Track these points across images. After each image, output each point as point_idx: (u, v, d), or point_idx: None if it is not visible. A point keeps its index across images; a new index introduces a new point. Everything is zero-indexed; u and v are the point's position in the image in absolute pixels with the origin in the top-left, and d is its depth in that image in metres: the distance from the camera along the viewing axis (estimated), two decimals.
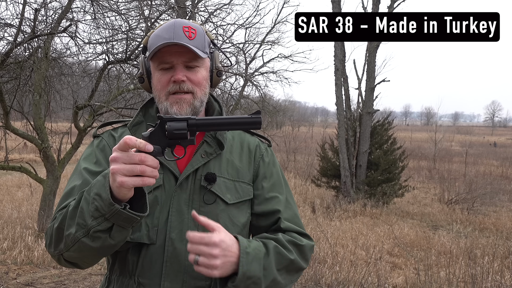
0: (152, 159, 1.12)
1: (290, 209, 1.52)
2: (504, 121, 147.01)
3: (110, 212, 1.14)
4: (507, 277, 5.83)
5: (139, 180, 1.11)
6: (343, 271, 6.06)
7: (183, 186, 1.38)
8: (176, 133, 1.17)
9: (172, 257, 1.34)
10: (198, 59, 1.39)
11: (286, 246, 1.37)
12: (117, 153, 1.12)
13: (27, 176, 7.50)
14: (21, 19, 6.12)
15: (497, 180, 19.17)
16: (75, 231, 1.19)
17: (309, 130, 41.33)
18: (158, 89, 1.41)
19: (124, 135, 1.46)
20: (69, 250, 1.23)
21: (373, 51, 14.46)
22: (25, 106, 7.61)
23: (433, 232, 10.54)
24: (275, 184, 1.52)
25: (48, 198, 7.10)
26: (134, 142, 1.10)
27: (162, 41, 1.34)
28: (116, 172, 1.10)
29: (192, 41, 1.35)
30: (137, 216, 1.17)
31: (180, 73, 1.37)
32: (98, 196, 1.15)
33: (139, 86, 7.34)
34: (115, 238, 1.20)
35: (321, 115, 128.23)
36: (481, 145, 42.13)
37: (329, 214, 11.93)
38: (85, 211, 1.17)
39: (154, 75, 1.42)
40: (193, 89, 1.39)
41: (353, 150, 14.31)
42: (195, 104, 1.40)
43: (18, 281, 5.12)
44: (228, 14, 27.34)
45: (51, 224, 1.30)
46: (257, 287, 1.27)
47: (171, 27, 1.37)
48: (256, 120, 1.19)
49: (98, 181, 1.17)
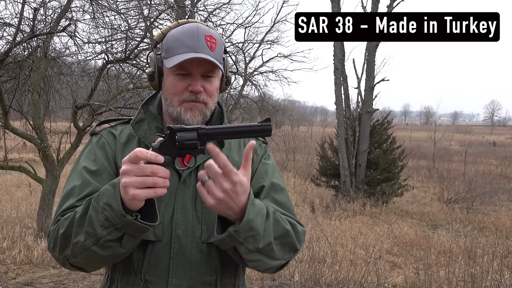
0: (163, 170, 1.12)
1: (282, 196, 1.48)
2: (503, 120, 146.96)
3: (121, 223, 1.14)
4: (506, 276, 5.84)
5: (152, 192, 1.10)
6: (343, 270, 6.06)
7: (187, 183, 1.39)
8: (187, 143, 1.17)
9: (178, 253, 1.34)
10: (215, 70, 1.40)
11: (282, 217, 1.34)
12: (128, 166, 1.11)
13: (26, 175, 7.50)
14: (20, 18, 6.11)
15: (497, 179, 19.19)
16: (84, 240, 1.19)
17: (308, 130, 41.37)
18: (172, 93, 1.39)
19: (124, 132, 1.46)
20: (76, 257, 1.23)
21: (372, 51, 14.46)
22: (24, 105, 7.60)
23: (433, 231, 10.55)
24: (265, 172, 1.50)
25: (48, 198, 7.09)
26: (145, 155, 1.09)
27: (184, 48, 1.33)
28: (128, 185, 1.10)
29: (212, 53, 1.35)
30: (148, 226, 1.17)
31: (199, 83, 1.37)
32: (109, 207, 1.14)
33: (139, 85, 7.34)
34: (125, 246, 1.20)
35: (320, 115, 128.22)
36: (480, 144, 42.17)
37: (328, 214, 11.94)
38: (94, 220, 1.17)
39: (168, 78, 1.40)
40: (207, 100, 1.40)
41: (352, 150, 14.32)
42: (206, 113, 1.42)
43: (18, 280, 5.12)
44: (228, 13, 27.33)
45: (54, 227, 1.29)
46: (255, 243, 1.22)
47: (194, 34, 1.35)
48: (267, 128, 1.19)
49: (107, 190, 1.17)
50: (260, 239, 1.23)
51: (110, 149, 1.42)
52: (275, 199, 1.45)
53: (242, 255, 1.24)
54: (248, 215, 1.18)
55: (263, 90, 15.17)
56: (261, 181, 1.46)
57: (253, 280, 5.44)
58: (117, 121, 1.54)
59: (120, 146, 1.43)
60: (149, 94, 1.39)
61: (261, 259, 1.27)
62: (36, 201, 9.42)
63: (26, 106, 7.59)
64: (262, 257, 1.27)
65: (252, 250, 1.23)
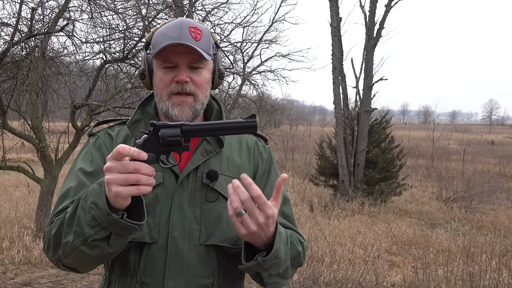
0: (147, 167, 1.10)
1: (288, 208, 1.52)
2: (502, 119, 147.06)
3: (107, 221, 1.12)
4: (505, 275, 5.84)
5: (135, 189, 1.09)
6: (341, 269, 6.07)
7: (184, 184, 1.37)
8: (170, 140, 1.14)
9: (175, 255, 1.33)
10: (202, 61, 1.38)
11: (294, 237, 1.40)
12: (111, 163, 1.09)
13: (24, 175, 7.49)
14: (18, 18, 6.11)
15: (495, 178, 19.22)
16: (72, 239, 1.18)
17: (307, 129, 41.42)
18: (160, 88, 1.39)
19: (121, 133, 1.45)
20: (67, 257, 1.22)
21: (370, 50, 14.47)
22: (23, 105, 7.60)
23: (431, 230, 10.57)
24: (274, 182, 1.51)
25: (46, 198, 7.09)
26: (128, 151, 1.08)
27: (167, 39, 1.33)
28: (111, 182, 1.08)
29: (197, 42, 1.34)
30: (134, 225, 1.15)
31: (184, 73, 1.35)
32: (95, 205, 1.13)
33: (137, 85, 7.34)
34: (113, 246, 1.19)
35: (319, 114, 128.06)
36: (478, 143, 42.24)
37: (327, 213, 11.94)
38: (82, 219, 1.16)
39: (157, 73, 1.40)
40: (195, 91, 1.38)
41: (351, 149, 14.33)
42: (196, 107, 1.40)
43: (16, 281, 5.11)
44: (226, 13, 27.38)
45: (48, 228, 1.29)
46: (277, 269, 1.26)
47: (178, 26, 1.35)
48: (251, 124, 1.16)
49: (94, 189, 1.16)
50: (281, 264, 1.27)
51: (107, 150, 1.41)
52: (284, 212, 1.49)
53: (263, 279, 1.28)
54: (276, 245, 1.22)
55: (261, 90, 15.16)
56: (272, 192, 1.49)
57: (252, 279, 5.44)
58: (115, 122, 1.53)
59: None
60: (147, 94, 1.39)
61: (278, 281, 1.32)
62: (34, 201, 9.41)
63: (24, 106, 7.59)
64: (280, 279, 1.31)
65: (274, 275, 1.27)
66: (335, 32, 14.10)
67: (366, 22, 14.60)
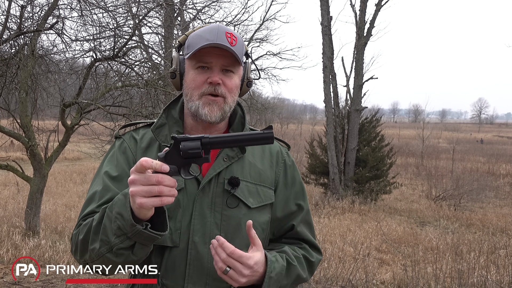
0: (169, 179, 1.14)
1: (309, 218, 1.58)
2: (491, 118, 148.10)
3: (132, 232, 1.17)
4: (493, 272, 5.91)
5: (158, 201, 1.13)
6: (331, 267, 6.09)
7: (206, 189, 1.40)
8: (191, 152, 1.19)
9: (195, 259, 1.37)
10: (235, 65, 1.41)
11: (302, 264, 1.46)
12: (135, 175, 1.14)
13: (13, 174, 7.43)
14: (7, 15, 6.06)
15: (484, 176, 19.39)
16: (99, 247, 1.23)
17: (297, 128, 41.51)
18: (192, 88, 1.41)
19: (145, 137, 1.49)
20: (94, 262, 1.28)
21: (361, 49, 14.52)
22: (12, 103, 7.52)
23: (421, 228, 10.65)
24: (298, 192, 1.57)
25: (35, 196, 7.04)
26: (150, 164, 1.12)
27: (204, 41, 1.35)
28: (135, 194, 1.12)
29: (233, 47, 1.37)
30: (157, 235, 1.20)
31: (217, 75, 1.38)
32: (120, 216, 1.18)
33: (127, 83, 7.31)
34: (137, 254, 1.24)
35: (309, 113, 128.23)
36: (468, 141, 42.57)
37: (317, 211, 11.99)
38: (107, 228, 1.21)
39: (189, 73, 1.43)
40: (225, 94, 1.41)
41: (341, 147, 14.38)
42: (225, 108, 1.42)
43: (5, 280, 5.08)
44: (217, 11, 27.21)
45: (75, 231, 1.34)
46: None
47: (215, 29, 1.38)
48: (268, 135, 1.22)
49: (120, 200, 1.20)
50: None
51: (131, 154, 1.45)
52: (308, 222, 1.58)
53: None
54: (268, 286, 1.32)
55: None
56: (301, 203, 1.57)
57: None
58: (140, 124, 1.57)
59: (141, 151, 1.46)
60: (137, 92, 1.40)
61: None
62: (23, 200, 9.34)
63: (13, 104, 7.51)
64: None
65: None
66: (326, 31, 14.13)
67: (357, 21, 14.66)
